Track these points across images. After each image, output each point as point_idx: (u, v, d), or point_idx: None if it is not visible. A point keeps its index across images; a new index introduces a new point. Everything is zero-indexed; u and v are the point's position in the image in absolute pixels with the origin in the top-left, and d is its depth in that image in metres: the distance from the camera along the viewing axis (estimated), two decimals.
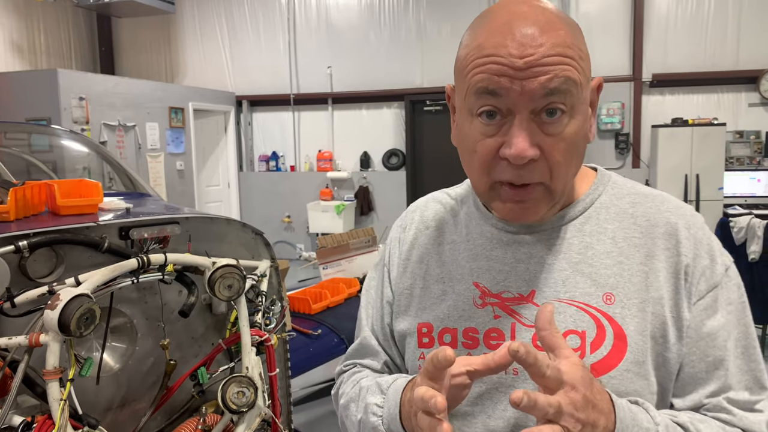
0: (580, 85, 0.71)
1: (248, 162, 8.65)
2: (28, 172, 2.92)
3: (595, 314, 0.77)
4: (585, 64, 0.73)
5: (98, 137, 6.26)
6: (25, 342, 1.21)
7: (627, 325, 0.76)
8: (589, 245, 0.81)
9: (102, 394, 1.47)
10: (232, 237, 1.72)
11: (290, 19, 8.16)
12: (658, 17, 6.88)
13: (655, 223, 0.81)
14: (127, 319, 1.52)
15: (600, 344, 0.76)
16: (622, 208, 0.84)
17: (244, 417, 1.49)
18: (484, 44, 0.71)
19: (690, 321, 0.77)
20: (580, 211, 0.83)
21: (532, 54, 0.68)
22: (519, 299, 0.81)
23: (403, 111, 7.85)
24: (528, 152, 0.70)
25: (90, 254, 1.42)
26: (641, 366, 0.76)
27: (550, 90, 0.69)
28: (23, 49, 7.60)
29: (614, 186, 0.86)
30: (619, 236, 0.81)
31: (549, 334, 0.66)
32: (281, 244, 8.33)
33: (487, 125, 0.73)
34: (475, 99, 0.73)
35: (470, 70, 0.72)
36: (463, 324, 0.83)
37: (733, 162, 6.65)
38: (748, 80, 6.67)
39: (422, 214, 0.96)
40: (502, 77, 0.69)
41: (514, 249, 0.83)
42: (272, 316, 1.68)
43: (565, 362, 0.64)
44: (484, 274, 0.84)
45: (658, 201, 0.84)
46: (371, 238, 3.50)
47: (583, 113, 0.74)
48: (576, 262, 0.80)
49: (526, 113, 0.70)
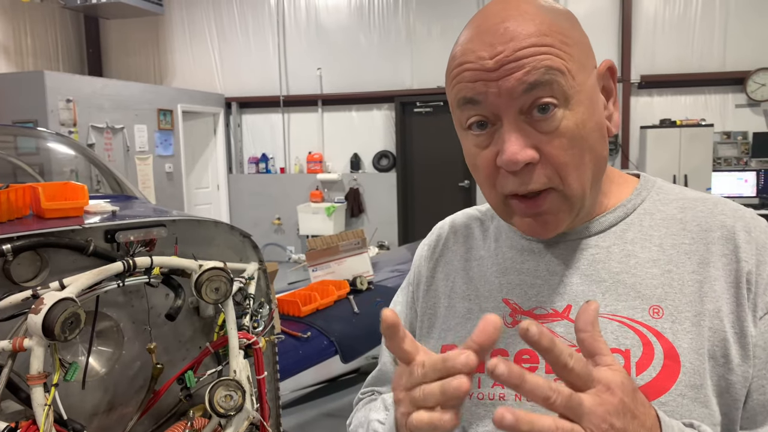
0: (569, 72, 0.65)
1: (238, 164, 8.62)
2: (14, 175, 2.90)
3: (641, 330, 0.68)
4: (574, 50, 0.67)
5: (86, 139, 6.22)
6: (8, 347, 1.19)
7: (679, 342, 0.67)
8: (631, 253, 0.72)
9: (88, 398, 1.46)
10: (220, 240, 1.72)
11: (279, 20, 8.15)
12: (646, 19, 6.94)
13: (709, 228, 0.72)
14: (114, 323, 1.51)
15: (648, 364, 0.66)
16: (670, 214, 0.75)
17: (232, 420, 1.48)
18: (457, 54, 0.68)
19: (757, 338, 0.66)
20: (620, 217, 0.75)
21: (502, 51, 0.64)
22: (554, 316, 0.73)
23: (393, 112, 7.86)
24: (520, 155, 0.64)
25: (75, 258, 1.40)
26: (699, 390, 0.65)
27: (530, 84, 0.63)
28: (9, 51, 7.54)
29: (659, 191, 0.79)
30: (666, 243, 0.72)
31: (590, 336, 0.55)
32: (271, 246, 8.31)
33: (479, 136, 0.68)
34: (461, 112, 0.69)
35: (450, 82, 0.69)
36: None
37: (720, 162, 6.72)
38: (735, 81, 6.74)
39: (450, 230, 0.89)
40: (476, 82, 0.65)
41: (547, 260, 0.76)
42: (260, 319, 1.67)
43: (605, 369, 0.53)
44: (515, 289, 0.76)
45: (711, 204, 0.75)
46: (361, 239, 3.49)
47: (584, 102, 0.67)
48: (617, 272, 0.72)
49: (512, 115, 0.65)
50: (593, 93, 0.69)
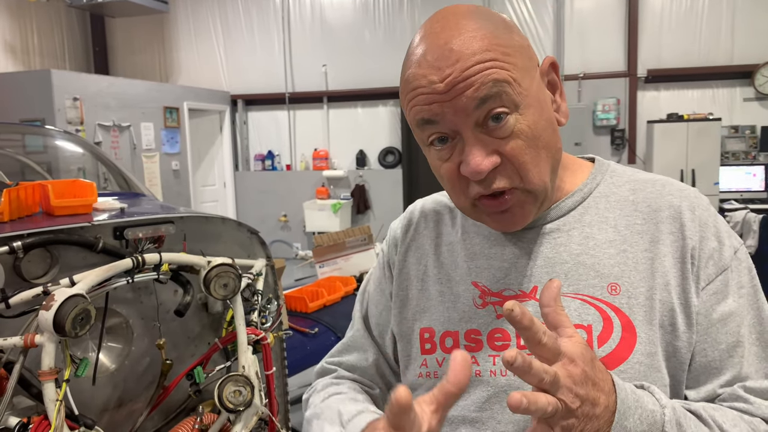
0: (514, 80, 0.69)
1: (244, 161, 8.63)
2: (22, 173, 2.91)
3: (601, 306, 0.75)
4: (516, 58, 0.70)
5: (93, 138, 6.25)
6: (20, 343, 1.21)
7: (635, 315, 0.74)
8: (590, 235, 0.78)
9: (98, 394, 1.47)
10: (228, 236, 1.72)
11: (285, 17, 8.15)
12: (652, 12, 6.89)
13: (658, 208, 0.78)
14: (123, 319, 1.51)
15: (608, 337, 0.73)
16: (623, 196, 0.81)
17: (241, 416, 1.49)
18: (409, 77, 0.72)
19: (699, 307, 0.74)
20: (578, 201, 0.81)
21: (450, 73, 0.68)
22: (521, 296, 0.78)
23: (398, 109, 7.83)
24: (482, 165, 0.69)
25: (85, 254, 1.41)
26: (652, 357, 0.73)
27: (481, 99, 0.68)
28: (16, 50, 7.57)
29: (613, 174, 0.84)
30: (621, 224, 0.78)
31: (553, 311, 0.62)
32: (278, 243, 8.32)
33: (441, 150, 0.73)
34: (421, 131, 0.73)
35: (407, 104, 0.73)
36: (465, 326, 0.80)
37: (728, 157, 6.67)
38: (743, 75, 6.69)
39: (420, 215, 0.94)
40: (432, 105, 0.70)
41: (512, 245, 0.81)
42: (268, 315, 1.67)
43: (566, 341, 0.60)
44: (483, 272, 0.82)
45: (659, 185, 0.81)
46: (367, 236, 3.50)
47: (532, 105, 0.71)
48: (577, 254, 0.78)
49: (470, 128, 0.70)
50: (539, 93, 0.74)
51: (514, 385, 0.75)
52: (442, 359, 0.81)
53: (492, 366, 0.77)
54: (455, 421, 0.78)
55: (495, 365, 0.77)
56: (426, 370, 0.82)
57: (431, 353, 0.82)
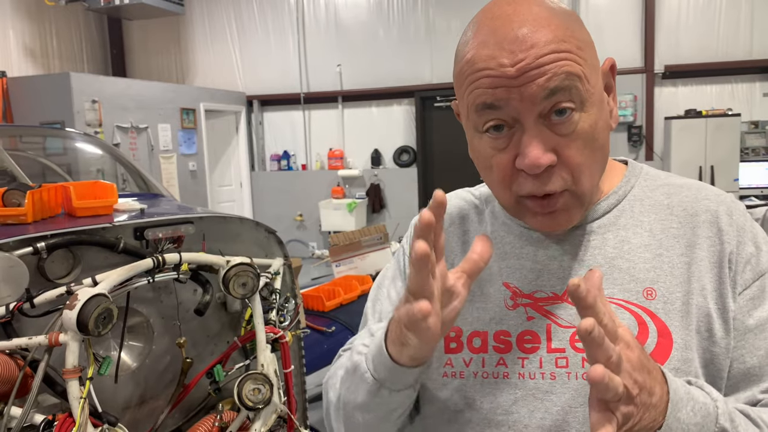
0: (585, 76, 0.67)
1: (260, 161, 8.68)
2: (43, 175, 2.96)
3: (636, 311, 0.73)
4: (587, 53, 0.69)
5: (111, 139, 6.32)
6: (44, 342, 1.23)
7: (671, 320, 0.72)
8: (624, 239, 0.76)
9: (120, 392, 1.49)
10: (246, 236, 1.74)
11: (299, 18, 8.18)
12: (669, 7, 6.81)
13: (694, 212, 0.77)
14: (144, 319, 1.54)
15: (643, 342, 0.71)
16: (657, 200, 0.79)
17: (260, 414, 1.50)
18: (474, 58, 0.68)
19: (736, 312, 0.72)
20: (612, 204, 0.79)
21: (524, 58, 0.65)
22: (553, 299, 0.76)
23: (413, 107, 7.84)
24: (542, 159, 0.66)
25: (106, 255, 1.44)
26: (689, 363, 0.71)
27: (551, 90, 0.65)
28: (36, 54, 7.68)
29: (647, 177, 0.82)
30: (656, 228, 0.77)
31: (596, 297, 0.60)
32: (294, 242, 8.36)
33: (497, 139, 0.70)
34: (478, 116, 0.70)
35: (466, 87, 0.70)
36: (494, 327, 0.78)
37: (748, 153, 6.56)
38: (763, 70, 6.59)
39: (446, 210, 0.92)
40: (497, 89, 0.66)
41: (545, 246, 0.79)
42: (286, 314, 1.69)
43: (620, 327, 0.59)
44: (515, 273, 0.79)
45: (695, 189, 0.80)
46: (383, 235, 3.50)
47: (596, 104, 0.69)
48: (612, 257, 0.75)
49: (532, 119, 0.67)
50: (602, 93, 0.72)
51: (543, 389, 0.74)
52: (470, 359, 0.79)
53: (521, 368, 0.75)
54: (481, 423, 0.76)
55: (524, 368, 0.75)
56: (452, 370, 0.79)
57: (457, 352, 0.80)
